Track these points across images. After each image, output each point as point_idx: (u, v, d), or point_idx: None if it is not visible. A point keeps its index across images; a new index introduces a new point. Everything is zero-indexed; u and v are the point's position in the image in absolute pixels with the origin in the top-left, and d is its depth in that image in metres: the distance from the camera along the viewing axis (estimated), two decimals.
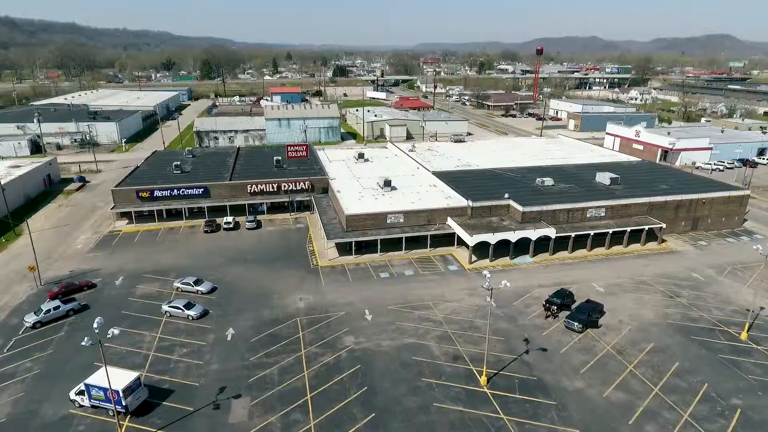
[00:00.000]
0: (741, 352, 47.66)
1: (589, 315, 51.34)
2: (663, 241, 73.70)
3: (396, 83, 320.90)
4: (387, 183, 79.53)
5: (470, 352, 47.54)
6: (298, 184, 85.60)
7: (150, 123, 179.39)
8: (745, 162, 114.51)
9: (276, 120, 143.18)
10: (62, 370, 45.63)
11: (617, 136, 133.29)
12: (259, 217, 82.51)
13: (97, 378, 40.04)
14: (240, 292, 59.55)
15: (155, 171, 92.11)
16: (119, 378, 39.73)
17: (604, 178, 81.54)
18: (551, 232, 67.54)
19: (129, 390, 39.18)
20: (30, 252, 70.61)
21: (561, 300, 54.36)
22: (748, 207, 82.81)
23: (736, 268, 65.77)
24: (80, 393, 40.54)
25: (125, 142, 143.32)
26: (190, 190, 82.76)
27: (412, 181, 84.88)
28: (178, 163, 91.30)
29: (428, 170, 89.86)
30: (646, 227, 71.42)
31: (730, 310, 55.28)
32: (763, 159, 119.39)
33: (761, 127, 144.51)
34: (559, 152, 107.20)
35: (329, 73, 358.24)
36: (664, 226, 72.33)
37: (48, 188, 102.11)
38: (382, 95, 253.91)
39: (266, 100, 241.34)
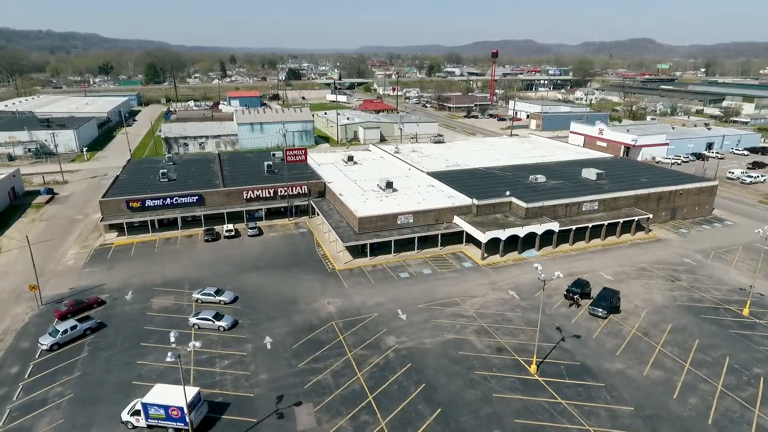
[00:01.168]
0: (747, 327, 52.56)
1: (611, 301, 54.72)
2: (649, 230, 79.31)
3: (351, 86, 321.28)
4: (389, 185, 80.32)
5: (511, 343, 49.44)
6: (294, 188, 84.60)
7: (105, 130, 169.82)
8: (698, 156, 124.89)
9: (248, 125, 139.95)
10: (98, 392, 43.10)
11: (581, 134, 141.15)
12: (257, 224, 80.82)
13: (155, 396, 38.31)
14: (263, 299, 58.37)
15: (138, 180, 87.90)
16: (179, 395, 38.22)
17: (590, 173, 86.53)
18: (555, 226, 71.03)
19: (192, 406, 37.78)
20: (16, 270, 66.43)
21: (581, 289, 57.50)
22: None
23: (719, 252, 72.02)
24: (135, 413, 38.55)
25: (85, 150, 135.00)
26: (183, 198, 79.72)
27: (408, 182, 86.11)
28: (165, 171, 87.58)
29: (422, 171, 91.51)
30: (636, 218, 76.66)
31: (726, 289, 60.67)
32: (712, 152, 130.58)
33: (705, 124, 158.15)
34: (536, 151, 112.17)
35: (281, 76, 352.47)
36: (651, 216, 77.96)
37: (14, 202, 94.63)
38: (343, 98, 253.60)
39: (223, 104, 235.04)
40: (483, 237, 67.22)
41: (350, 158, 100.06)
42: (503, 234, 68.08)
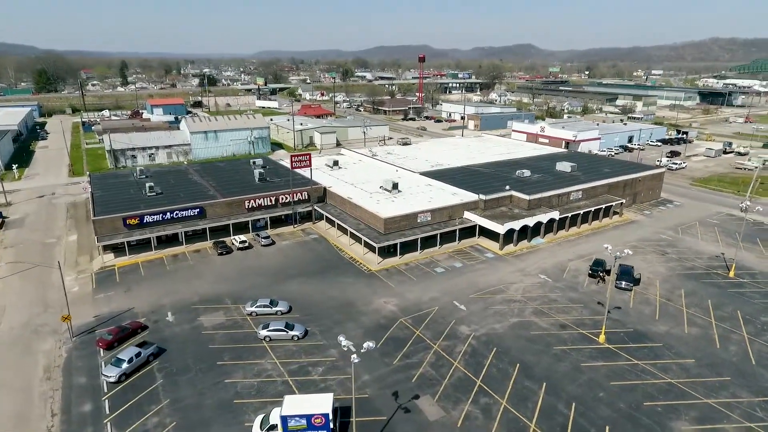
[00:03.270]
0: (737, 286, 63.16)
1: (632, 275, 62.51)
2: (621, 214, 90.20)
3: (273, 92, 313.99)
4: (395, 186, 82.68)
5: (569, 320, 54.82)
6: (295, 195, 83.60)
7: (19, 145, 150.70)
8: (625, 148, 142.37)
9: (202, 133, 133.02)
10: (203, 416, 40.92)
11: (523, 132, 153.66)
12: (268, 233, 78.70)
13: (292, 407, 37.63)
14: (317, 306, 58.04)
15: (119, 196, 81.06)
16: (318, 402, 38.02)
17: (564, 166, 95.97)
18: (555, 214, 78.44)
19: (333, 411, 37.75)
20: (13, 303, 59.60)
21: (602, 268, 64.85)
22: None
23: (683, 227, 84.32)
24: (270, 429, 37.48)
25: (15, 168, 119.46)
26: (184, 212, 75.37)
27: (407, 182, 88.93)
28: (151, 185, 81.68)
29: (413, 172, 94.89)
30: (613, 204, 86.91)
31: (707, 257, 71.81)
32: (634, 144, 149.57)
33: (621, 120, 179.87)
34: (498, 148, 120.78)
35: (194, 82, 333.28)
36: (624, 201, 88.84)
37: None
38: (273, 104, 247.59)
39: (143, 112, 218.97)
40: (501, 229, 72.40)
41: (335, 163, 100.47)
42: (518, 225, 73.89)
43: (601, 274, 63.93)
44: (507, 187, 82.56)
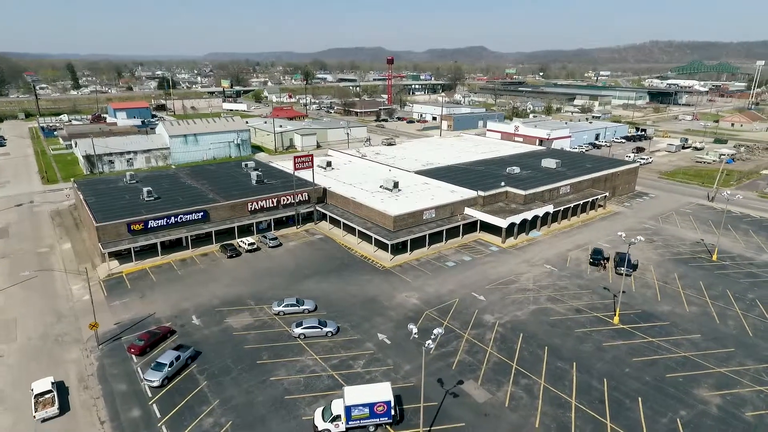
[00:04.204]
0: (721, 268, 69.11)
1: (630, 261, 67.20)
2: (605, 206, 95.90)
3: (238, 94, 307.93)
4: (396, 185, 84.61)
5: (582, 305, 58.56)
6: (296, 196, 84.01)
7: None
8: (594, 145, 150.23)
9: (181, 137, 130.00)
10: (258, 413, 41.48)
11: (498, 131, 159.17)
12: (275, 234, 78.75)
13: (354, 397, 38.89)
14: (340, 303, 59.17)
15: (115, 202, 78.75)
16: (378, 391, 39.50)
17: (549, 163, 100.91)
18: (550, 208, 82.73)
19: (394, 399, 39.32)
20: (24, 314, 57.51)
21: (601, 256, 69.29)
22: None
23: (661, 217, 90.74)
24: (335, 419, 38.57)
25: None
26: (188, 216, 74.39)
27: (402, 181, 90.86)
28: (150, 189, 79.92)
29: (407, 171, 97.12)
30: (598, 197, 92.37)
31: (689, 243, 77.88)
32: (601, 142, 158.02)
33: (587, 119, 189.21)
34: (479, 147, 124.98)
35: (152, 85, 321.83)
36: (607, 194, 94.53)
37: None
38: (242, 106, 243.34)
39: (105, 116, 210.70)
40: (504, 223, 75.80)
41: (328, 164, 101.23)
42: (518, 219, 77.52)
43: (603, 261, 68.36)
44: (503, 184, 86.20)
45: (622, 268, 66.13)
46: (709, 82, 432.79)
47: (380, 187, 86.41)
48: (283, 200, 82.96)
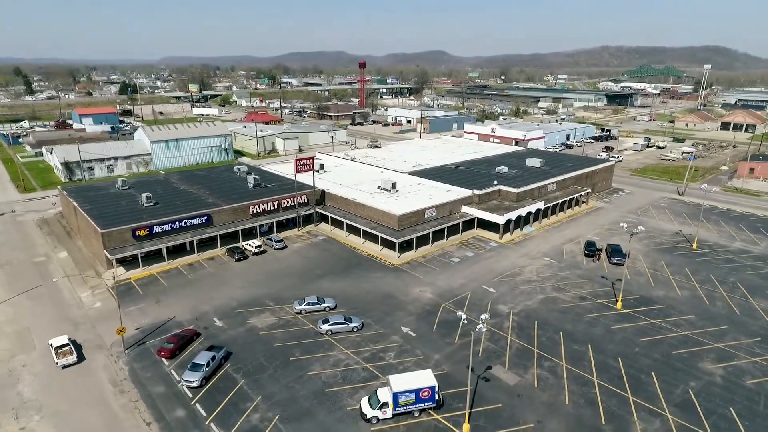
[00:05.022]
0: (701, 255, 75.02)
1: (622, 252, 71.99)
2: (587, 202, 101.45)
3: (206, 98, 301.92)
4: (394, 185, 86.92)
5: (586, 292, 62.59)
6: (295, 199, 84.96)
7: None
8: (565, 145, 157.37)
9: (163, 142, 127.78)
10: (303, 406, 42.77)
11: (475, 133, 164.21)
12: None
13: (400, 384, 40.81)
14: (359, 300, 60.86)
15: (112, 208, 77.47)
16: (422, 378, 41.64)
17: (534, 162, 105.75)
18: (541, 205, 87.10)
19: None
20: (35, 324, 56.76)
21: (595, 248, 73.87)
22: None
23: (640, 211, 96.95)
24: (382, 406, 40.38)
25: None
26: (192, 220, 74.20)
27: (398, 182, 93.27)
28: (149, 194, 79.05)
29: (399, 172, 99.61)
30: (582, 193, 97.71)
31: (669, 234, 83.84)
32: (572, 142, 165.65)
33: (557, 120, 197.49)
34: (463, 148, 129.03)
35: (112, 90, 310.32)
36: (590, 191, 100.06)
37: None
38: (214, 111, 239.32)
39: (69, 122, 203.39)
40: (501, 220, 79.40)
41: (321, 166, 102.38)
42: (514, 215, 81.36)
43: (597, 252, 72.94)
44: (495, 183, 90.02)
45: (615, 258, 70.96)
46: (660, 85, 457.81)
47: (378, 187, 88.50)
48: (284, 203, 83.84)
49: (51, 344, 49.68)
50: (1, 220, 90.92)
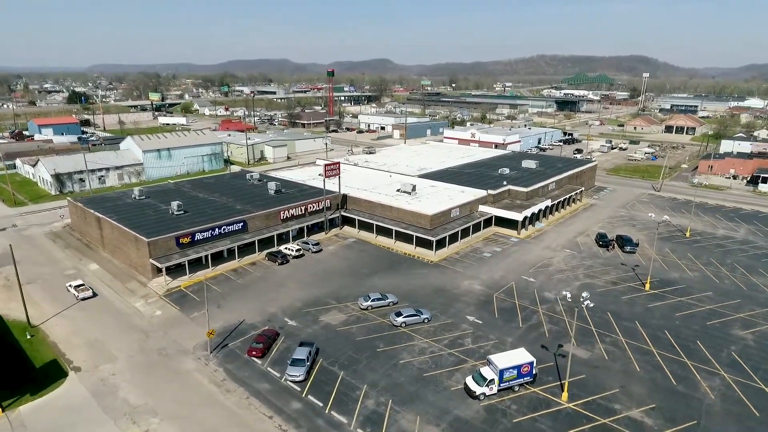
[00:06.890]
0: (697, 242, 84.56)
1: (633, 241, 79.94)
2: (581, 199, 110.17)
3: (164, 107, 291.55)
4: (413, 188, 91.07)
5: (614, 278, 69.52)
6: (320, 204, 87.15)
7: None
8: (540, 148, 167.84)
9: (155, 151, 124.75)
10: (409, 390, 45.98)
11: (455, 138, 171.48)
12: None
13: (502, 362, 44.98)
14: (414, 294, 64.39)
15: (143, 218, 76.47)
16: (520, 355, 46.06)
17: (530, 164, 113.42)
18: (549, 202, 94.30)
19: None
20: (104, 333, 57.48)
21: (608, 239, 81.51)
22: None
23: (628, 206, 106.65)
24: (488, 383, 44.29)
25: None
26: (230, 227, 74.82)
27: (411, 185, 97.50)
28: (180, 203, 78.65)
29: (410, 176, 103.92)
30: (578, 191, 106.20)
31: (662, 225, 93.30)
32: (544, 145, 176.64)
33: (525, 125, 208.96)
34: (455, 153, 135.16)
35: (57, 98, 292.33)
36: (584, 189, 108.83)
37: None
38: (181, 120, 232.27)
39: (25, 132, 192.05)
40: (519, 217, 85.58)
41: None
42: (530, 212, 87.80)
43: (612, 242, 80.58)
44: (504, 183, 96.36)
45: (628, 247, 78.80)
46: (598, 92, 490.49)
47: (397, 190, 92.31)
48: (310, 207, 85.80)
49: (71, 284, 64.72)
50: (5, 234, 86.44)
